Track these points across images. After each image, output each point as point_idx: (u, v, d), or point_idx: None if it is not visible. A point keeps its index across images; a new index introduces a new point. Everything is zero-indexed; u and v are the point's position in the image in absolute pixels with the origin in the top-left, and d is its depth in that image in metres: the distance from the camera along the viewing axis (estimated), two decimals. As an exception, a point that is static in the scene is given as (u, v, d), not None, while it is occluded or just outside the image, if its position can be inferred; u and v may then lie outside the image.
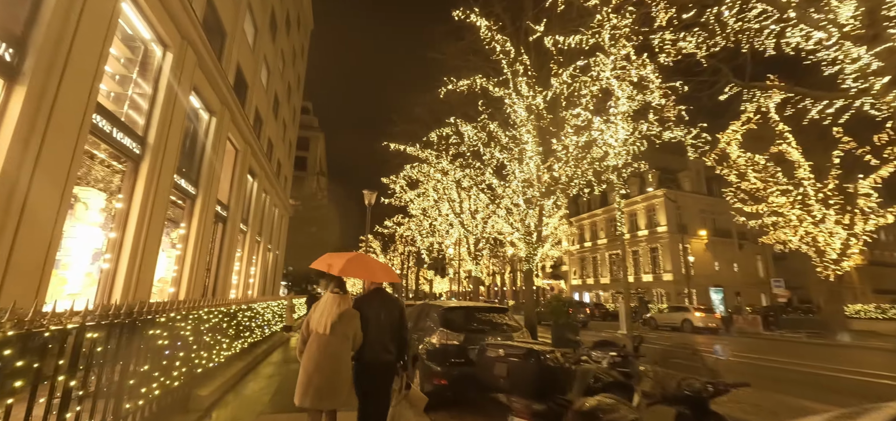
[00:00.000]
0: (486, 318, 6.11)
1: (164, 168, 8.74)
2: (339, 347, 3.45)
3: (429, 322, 6.28)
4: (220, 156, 12.47)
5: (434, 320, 6.04)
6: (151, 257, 8.52)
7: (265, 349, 9.18)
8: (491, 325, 5.99)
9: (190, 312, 4.56)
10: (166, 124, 8.77)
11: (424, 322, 6.51)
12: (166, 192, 9.00)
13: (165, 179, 8.86)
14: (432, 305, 6.67)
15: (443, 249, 33.43)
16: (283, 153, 25.44)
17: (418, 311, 7.31)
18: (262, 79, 18.08)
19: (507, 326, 6.05)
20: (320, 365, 3.37)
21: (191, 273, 10.89)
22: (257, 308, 8.88)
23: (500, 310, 6.39)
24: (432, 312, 6.38)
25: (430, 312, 6.52)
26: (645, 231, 44.54)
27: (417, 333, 6.52)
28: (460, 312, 6.04)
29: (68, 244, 8.34)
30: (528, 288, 14.60)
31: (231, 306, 6.33)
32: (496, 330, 5.86)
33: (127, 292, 7.66)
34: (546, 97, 12.19)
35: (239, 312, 6.92)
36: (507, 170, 15.24)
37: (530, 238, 14.70)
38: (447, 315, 5.93)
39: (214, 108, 11.97)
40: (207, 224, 11.81)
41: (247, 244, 17.68)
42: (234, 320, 6.61)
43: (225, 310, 5.88)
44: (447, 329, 5.64)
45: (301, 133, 50.90)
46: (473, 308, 6.26)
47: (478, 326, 5.89)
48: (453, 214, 19.46)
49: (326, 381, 3.34)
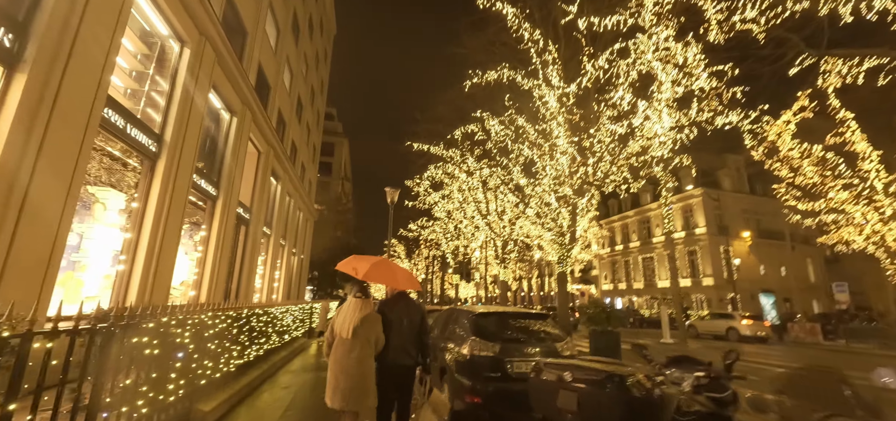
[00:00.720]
0: (523, 325, 5.32)
1: (181, 167, 8.45)
2: (362, 351, 3.56)
3: (458, 330, 5.55)
4: (241, 157, 12.25)
5: (464, 328, 5.31)
6: (169, 259, 8.21)
7: (284, 356, 8.71)
8: (530, 334, 5.19)
9: (188, 317, 4.01)
10: (184, 122, 8.50)
11: (453, 330, 5.79)
12: (184, 192, 8.71)
13: (183, 179, 8.57)
14: (461, 311, 5.93)
15: (468, 252, 32.66)
16: (307, 157, 25.46)
17: (446, 317, 6.59)
18: (284, 81, 17.98)
19: (546, 334, 5.24)
20: (346, 368, 3.50)
21: (212, 276, 10.63)
22: (274, 312, 8.41)
23: (539, 316, 5.58)
24: (462, 319, 5.64)
25: (459, 318, 5.79)
26: (681, 233, 42.12)
27: (444, 342, 5.80)
28: (494, 319, 5.28)
29: (87, 245, 8.16)
30: (562, 292, 13.61)
31: (243, 310, 5.83)
32: (536, 340, 5.06)
33: (142, 295, 7.34)
34: (580, 84, 11.25)
35: (252, 316, 6.42)
36: (536, 166, 14.34)
37: (562, 239, 13.73)
38: (479, 322, 5.17)
39: (235, 108, 11.76)
40: (229, 226, 11.56)
41: (271, 247, 17.54)
42: (246, 326, 6.11)
43: (234, 314, 5.37)
44: (480, 338, 4.89)
45: (325, 138, 51.58)
46: (509, 314, 5.48)
47: (515, 334, 5.11)
48: (480, 214, 18.66)
49: (353, 383, 3.47)
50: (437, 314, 10.50)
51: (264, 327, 7.26)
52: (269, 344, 7.83)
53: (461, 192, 20.79)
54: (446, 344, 5.74)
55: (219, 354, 5.02)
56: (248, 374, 6.05)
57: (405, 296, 4.08)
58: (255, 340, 6.68)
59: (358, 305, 3.67)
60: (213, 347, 4.81)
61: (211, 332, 4.65)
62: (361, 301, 3.70)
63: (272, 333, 7.92)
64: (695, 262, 40.68)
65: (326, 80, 32.33)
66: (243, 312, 5.81)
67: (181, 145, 8.43)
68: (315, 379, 7.27)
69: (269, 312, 7.71)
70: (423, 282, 54.67)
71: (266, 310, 7.40)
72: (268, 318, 7.49)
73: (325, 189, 44.55)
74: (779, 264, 42.71)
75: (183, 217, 8.79)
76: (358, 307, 3.66)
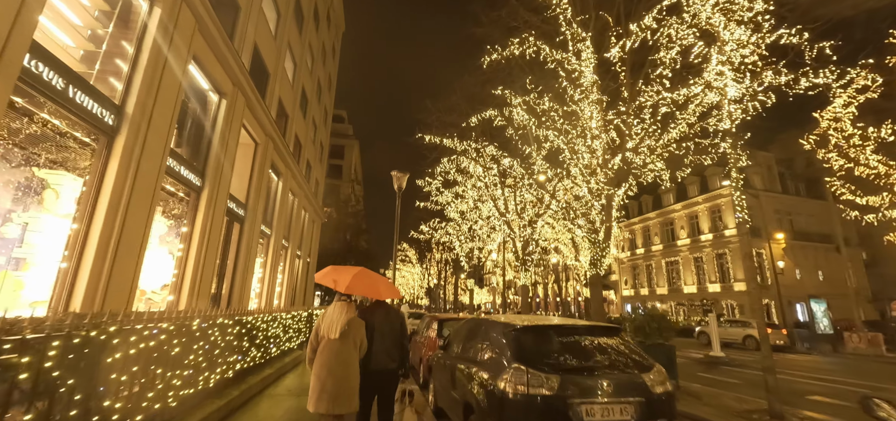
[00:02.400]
0: (586, 345, 3.65)
1: (149, 147, 7.06)
2: (349, 353, 3.59)
3: (488, 350, 3.94)
4: (232, 144, 10.88)
5: (499, 348, 3.70)
6: (130, 256, 6.79)
7: (267, 376, 7.16)
8: (599, 359, 3.52)
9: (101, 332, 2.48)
10: (152, 94, 7.12)
11: (480, 349, 4.18)
12: (154, 178, 7.32)
13: (151, 161, 7.18)
14: (492, 322, 4.31)
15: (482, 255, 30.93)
16: (313, 155, 24.19)
17: (468, 330, 4.99)
18: (286, 69, 16.70)
19: (623, 359, 3.56)
20: (332, 370, 3.48)
21: (195, 278, 9.22)
22: (257, 322, 6.89)
23: (604, 330, 3.88)
24: (493, 334, 4.03)
25: (489, 333, 4.18)
26: (708, 235, 39.59)
27: (468, 365, 4.20)
28: (543, 336, 3.66)
29: (33, 239, 6.78)
30: (596, 298, 11.85)
31: (189, 321, 4.29)
32: (611, 369, 3.40)
33: (91, 300, 5.92)
34: (625, 47, 9.55)
35: (212, 328, 4.89)
36: (563, 155, 12.63)
37: (595, 237, 11.98)
38: (522, 340, 3.56)
39: (225, 90, 10.41)
40: (216, 221, 10.17)
41: (271, 249, 16.17)
42: (202, 340, 4.58)
43: (171, 326, 3.80)
44: (526, 365, 3.26)
45: (336, 141, 50.65)
46: (563, 328, 3.82)
47: (577, 360, 3.45)
48: (498, 212, 16.99)
49: (340, 385, 3.45)
50: (456, 325, 8.86)
51: (235, 341, 5.72)
52: (245, 362, 6.30)
53: (476, 189, 19.18)
54: (470, 368, 4.13)
55: (166, 377, 3.48)
56: (204, 407, 4.51)
57: (383, 303, 4.16)
58: (219, 360, 5.15)
59: (343, 308, 3.69)
60: (122, 376, 3.24)
61: (118, 355, 3.10)
62: (346, 304, 3.75)
63: (250, 348, 6.39)
64: (724, 265, 38.09)
65: (335, 77, 31.18)
66: (192, 323, 4.23)
67: (148, 121, 7.04)
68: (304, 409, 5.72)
69: (248, 322, 6.18)
70: (435, 287, 53.05)
71: (242, 319, 5.87)
72: (245, 328, 5.96)
73: (334, 192, 43.43)
74: (815, 268, 39.91)
75: (152, 207, 7.38)
76: (343, 310, 3.68)
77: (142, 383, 3.47)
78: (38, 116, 5.90)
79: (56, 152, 6.80)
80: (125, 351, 3.00)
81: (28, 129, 5.64)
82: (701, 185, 41.15)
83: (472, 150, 17.01)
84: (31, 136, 5.92)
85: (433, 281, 52.81)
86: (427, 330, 9.06)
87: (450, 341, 5.66)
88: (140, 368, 3.28)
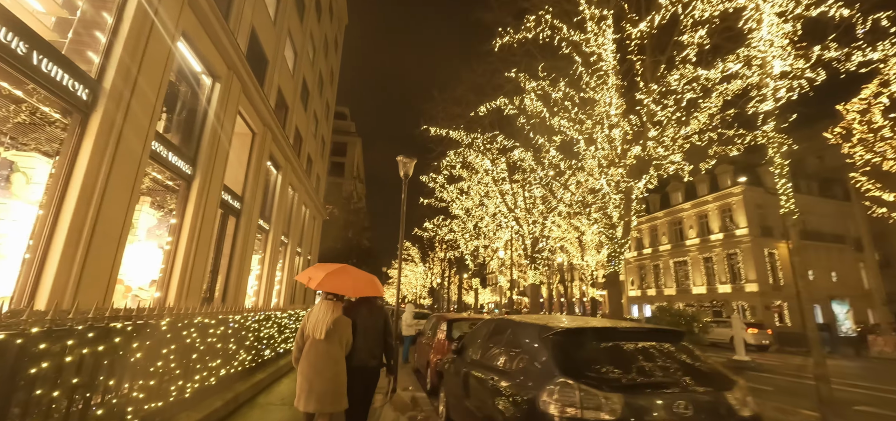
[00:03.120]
0: (647, 354, 2.90)
1: (130, 126, 6.38)
2: (336, 352, 3.57)
3: (518, 359, 3.23)
4: (227, 132, 10.21)
5: (536, 357, 2.97)
6: (107, 248, 6.12)
7: (259, 382, 6.46)
8: (666, 371, 2.77)
9: None
10: (134, 66, 6.44)
11: (506, 357, 3.46)
12: (136, 162, 6.64)
13: (133, 142, 6.50)
14: (523, 324, 3.59)
15: (487, 254, 30.21)
16: (314, 150, 23.52)
17: (488, 333, 4.27)
18: (286, 58, 16.03)
19: (694, 371, 2.80)
20: (320, 370, 3.45)
21: (185, 273, 8.55)
22: (247, 322, 6.18)
23: (663, 334, 3.12)
24: (525, 338, 3.31)
25: (519, 337, 3.45)
26: (719, 235, 38.66)
27: (489, 375, 3.49)
28: (595, 342, 2.91)
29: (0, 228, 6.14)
30: (614, 298, 11.11)
31: (184, 319, 3.57)
32: (683, 385, 2.64)
33: (60, 295, 5.24)
34: (654, 22, 8.78)
35: (195, 328, 4.17)
36: (578, 146, 11.88)
37: (612, 232, 11.24)
38: (568, 347, 2.83)
39: (218, 72, 9.73)
40: (209, 214, 9.49)
41: (269, 245, 15.50)
42: (182, 342, 3.88)
43: (126, 326, 3.01)
44: (576, 380, 2.53)
45: (338, 138, 49.99)
46: (615, 332, 3.06)
47: (640, 374, 2.70)
48: (506, 208, 16.24)
49: (328, 385, 3.42)
50: (464, 326, 8.14)
51: (219, 344, 4.98)
52: (233, 367, 5.58)
53: (483, 185, 18.45)
54: (493, 379, 3.42)
55: (88, 398, 2.76)
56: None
57: (368, 300, 4.12)
58: (197, 366, 4.42)
59: (329, 307, 3.66)
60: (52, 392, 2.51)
61: (44, 364, 2.37)
62: (333, 303, 3.70)
63: (238, 351, 5.69)
64: (735, 265, 37.15)
65: (337, 71, 30.52)
66: (161, 323, 3.49)
67: (129, 98, 6.36)
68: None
69: (232, 322, 5.45)
70: (438, 286, 52.31)
71: (223, 318, 5.12)
72: (226, 329, 5.22)
73: (336, 190, 42.76)
74: (828, 269, 38.91)
75: (134, 194, 6.70)
76: (330, 309, 3.64)
77: (86, 398, 2.76)
78: (4, 90, 5.24)
79: (26, 132, 6.14)
80: (57, 360, 2.30)
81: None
82: (711, 184, 40.23)
83: (480, 143, 16.29)
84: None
85: (436, 280, 52.08)
86: (435, 332, 8.34)
87: (464, 345, 4.95)
88: (82, 380, 2.58)
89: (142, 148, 6.80)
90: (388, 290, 77.15)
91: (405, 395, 4.19)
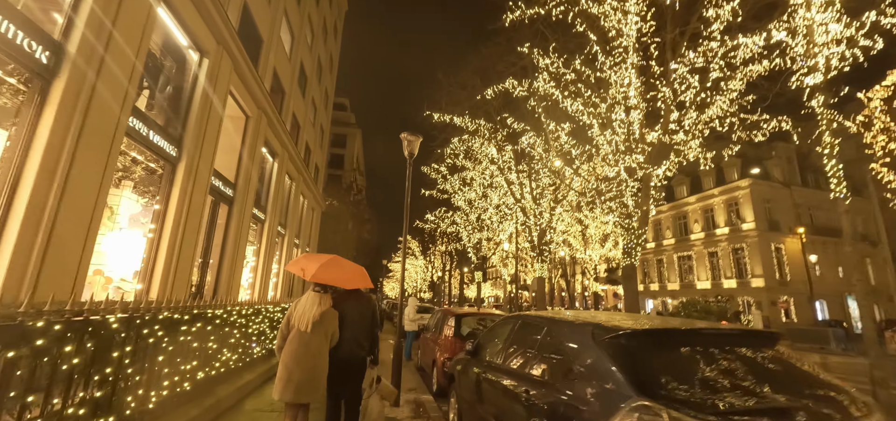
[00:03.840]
0: (742, 364, 2.19)
1: (101, 96, 5.67)
2: (319, 345, 3.56)
3: (560, 368, 2.54)
4: (216, 112, 9.48)
5: (591, 369, 2.29)
6: (75, 234, 5.43)
7: (247, 384, 5.78)
8: (773, 387, 2.05)
9: None
10: (105, 28, 5.71)
11: (542, 363, 2.77)
12: (108, 137, 5.92)
13: (104, 115, 5.78)
14: (564, 324, 2.88)
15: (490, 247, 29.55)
16: (312, 139, 22.75)
17: (512, 332, 3.59)
18: (282, 40, 15.24)
19: (808, 387, 2.09)
20: (301, 361, 3.45)
21: (169, 264, 7.88)
22: (231, 316, 5.48)
23: (758, 337, 2.44)
24: (569, 341, 2.61)
25: (560, 340, 2.75)
26: (724, 229, 37.99)
27: (514, 382, 2.80)
28: (670, 346, 2.24)
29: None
30: (631, 293, 10.45)
31: (146, 313, 2.86)
32: (799, 405, 1.95)
33: (16, 286, 4.56)
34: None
35: (160, 325, 3.45)
36: (593, 131, 11.15)
37: (629, 222, 10.56)
38: (637, 354, 2.14)
39: (206, 47, 8.98)
40: (197, 199, 8.80)
41: (265, 236, 14.81)
42: (143, 342, 3.18)
43: (111, 321, 2.30)
44: (655, 402, 1.84)
45: (338, 129, 49.15)
46: (698, 335, 2.33)
47: (741, 393, 2.00)
48: (513, 198, 15.53)
49: (307, 376, 3.43)
50: (481, 322, 7.40)
51: (195, 342, 4.26)
52: (213, 368, 4.89)
53: (487, 175, 17.73)
54: (524, 391, 2.74)
55: None
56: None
57: (357, 291, 4.10)
58: (165, 371, 3.71)
59: (317, 299, 3.66)
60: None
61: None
62: (320, 295, 3.69)
63: (221, 349, 4.99)
64: (741, 260, 36.51)
65: (336, 59, 29.66)
66: (109, 319, 2.76)
67: (99, 64, 5.64)
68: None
69: (213, 316, 4.73)
70: (438, 280, 51.74)
71: (200, 311, 4.39)
72: (204, 325, 4.49)
73: (336, 183, 42.02)
74: (835, 264, 38.23)
75: (108, 174, 5.98)
76: (317, 301, 3.64)
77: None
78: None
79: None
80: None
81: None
82: (717, 177, 39.49)
83: (485, 129, 15.54)
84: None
85: (437, 274, 51.51)
86: (441, 328, 7.65)
87: (480, 345, 4.27)
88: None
89: (116, 123, 6.08)
90: (389, 283, 76.57)
91: (389, 384, 4.10)
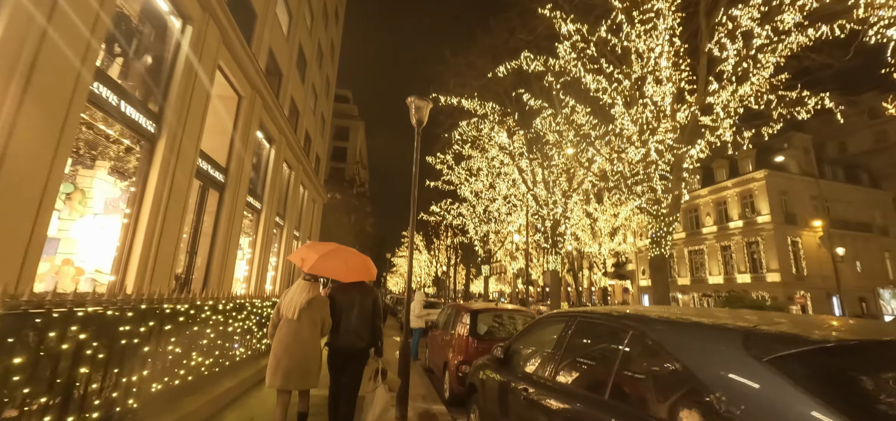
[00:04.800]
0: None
1: (52, 50, 4.76)
2: (307, 333, 3.59)
3: (676, 391, 1.58)
4: (201, 87, 8.56)
5: (758, 406, 1.31)
6: (22, 215, 4.54)
7: (225, 393, 4.87)
8: None
9: None
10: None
11: (639, 386, 1.82)
12: (63, 102, 5.01)
13: (57, 74, 4.88)
14: (668, 325, 1.93)
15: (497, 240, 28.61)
16: (313, 127, 21.83)
17: (562, 338, 2.66)
18: (279, 18, 14.29)
19: None
20: (289, 348, 3.51)
21: (147, 252, 6.99)
22: (205, 313, 4.55)
23: None
24: (692, 356, 1.66)
25: (667, 352, 1.80)
26: (738, 222, 36.80)
27: (576, 405, 1.87)
28: (862, 365, 1.30)
29: None
30: (660, 286, 9.49)
31: (89, 304, 2.00)
32: None
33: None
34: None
35: (109, 322, 2.56)
36: (616, 110, 10.14)
37: (657, 208, 9.58)
38: (819, 377, 1.21)
39: (190, 13, 8.05)
40: (180, 182, 7.90)
41: (262, 226, 13.95)
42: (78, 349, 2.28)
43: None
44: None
45: (340, 122, 48.23)
46: (888, 347, 1.43)
47: None
48: (525, 186, 14.55)
49: (296, 363, 3.49)
50: (496, 319, 6.46)
51: (155, 347, 3.31)
52: (178, 377, 3.96)
53: (495, 163, 16.74)
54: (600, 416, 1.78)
55: None
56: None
57: (360, 282, 4.06)
58: (106, 383, 2.80)
59: (305, 287, 3.69)
60: None
61: None
62: (309, 284, 3.75)
63: (188, 353, 4.06)
64: (756, 254, 35.34)
65: (338, 46, 28.68)
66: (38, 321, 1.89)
67: (50, 11, 4.71)
68: None
69: (181, 313, 3.79)
70: (443, 275, 50.90)
71: (162, 307, 3.43)
72: (163, 325, 3.50)
73: (338, 176, 41.15)
74: (853, 258, 36.97)
75: (64, 144, 5.08)
76: (305, 289, 3.68)
77: None
78: None
79: None
80: None
81: None
82: (730, 169, 38.27)
83: (495, 114, 14.54)
84: None
85: (442, 268, 50.64)
86: (453, 325, 6.71)
87: (514, 351, 3.34)
88: None
89: (73, 86, 5.16)
90: (393, 278, 75.78)
91: (394, 376, 4.20)
